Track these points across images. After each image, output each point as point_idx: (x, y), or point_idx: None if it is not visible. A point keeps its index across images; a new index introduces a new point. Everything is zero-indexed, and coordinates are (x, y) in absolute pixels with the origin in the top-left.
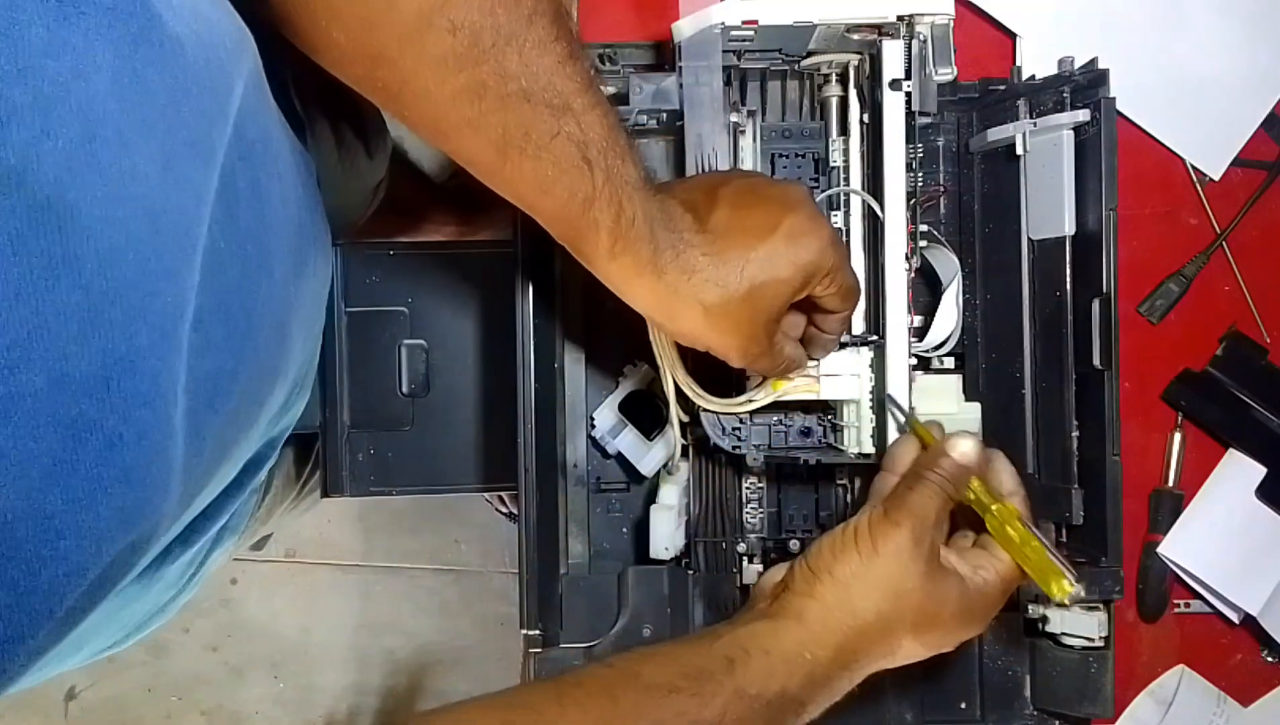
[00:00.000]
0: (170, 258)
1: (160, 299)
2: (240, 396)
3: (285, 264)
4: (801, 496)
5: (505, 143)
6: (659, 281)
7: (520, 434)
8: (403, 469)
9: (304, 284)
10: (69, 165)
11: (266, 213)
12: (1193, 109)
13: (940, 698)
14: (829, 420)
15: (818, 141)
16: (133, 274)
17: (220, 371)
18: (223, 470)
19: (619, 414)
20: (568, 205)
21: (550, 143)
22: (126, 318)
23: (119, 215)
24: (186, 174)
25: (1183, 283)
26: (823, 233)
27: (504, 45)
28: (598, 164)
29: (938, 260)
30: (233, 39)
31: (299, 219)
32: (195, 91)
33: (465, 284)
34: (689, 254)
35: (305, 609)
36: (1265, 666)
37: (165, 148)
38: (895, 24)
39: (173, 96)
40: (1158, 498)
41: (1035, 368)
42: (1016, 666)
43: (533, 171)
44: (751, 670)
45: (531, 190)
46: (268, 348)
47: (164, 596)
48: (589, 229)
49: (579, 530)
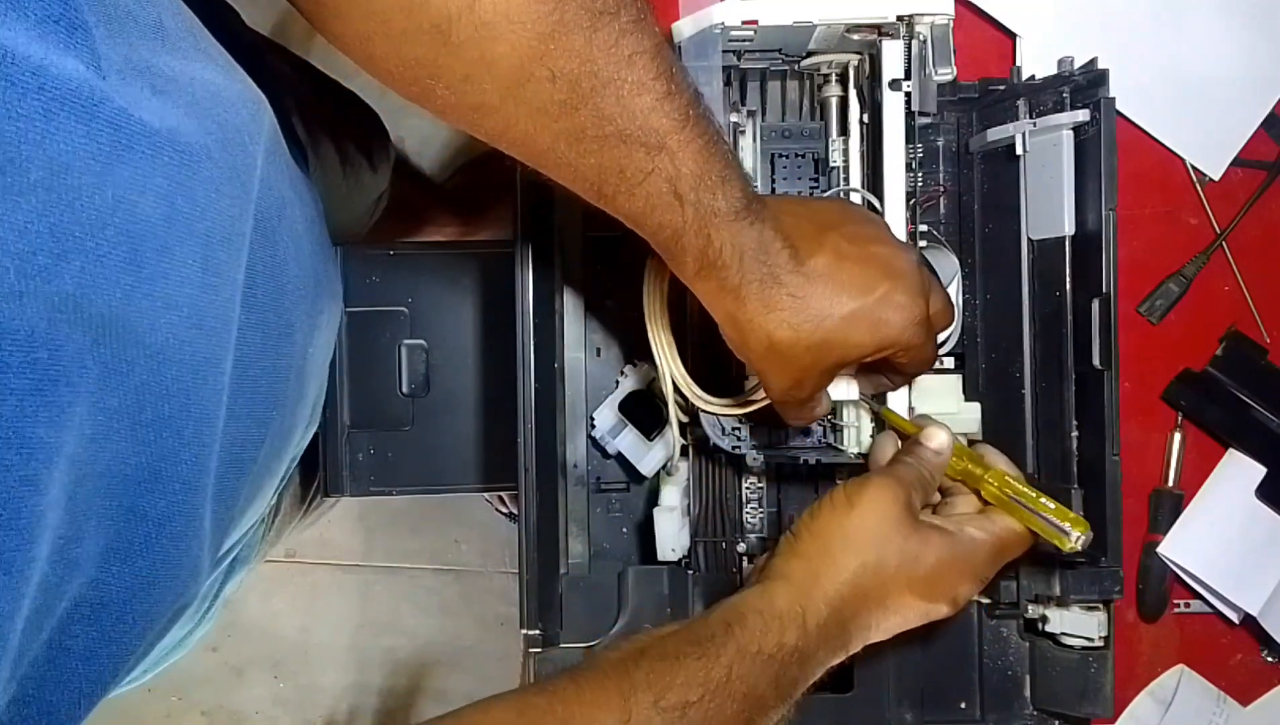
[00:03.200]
0: (212, 349)
1: (204, 389)
2: (264, 457)
3: (303, 323)
4: (801, 496)
5: (601, 181)
6: (739, 306)
7: (520, 434)
8: (403, 469)
9: (319, 335)
10: (119, 283)
11: (284, 281)
12: (1193, 109)
13: (940, 698)
14: (829, 420)
15: (818, 141)
16: (181, 372)
17: (246, 438)
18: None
19: (619, 414)
20: (658, 235)
21: (644, 181)
22: (174, 413)
23: (167, 321)
24: (221, 269)
25: (1183, 283)
26: (915, 311)
27: (602, 89)
28: (688, 199)
29: (938, 260)
30: (250, 111)
31: (314, 273)
32: (225, 189)
33: (465, 284)
34: (775, 292)
35: (305, 609)
36: (1265, 666)
37: (204, 250)
38: (895, 24)
39: (208, 200)
40: (1158, 498)
41: (1035, 367)
42: (1016, 666)
43: (626, 206)
44: (749, 630)
45: (625, 217)
46: (288, 404)
47: (181, 632)
48: (679, 253)
49: (579, 530)
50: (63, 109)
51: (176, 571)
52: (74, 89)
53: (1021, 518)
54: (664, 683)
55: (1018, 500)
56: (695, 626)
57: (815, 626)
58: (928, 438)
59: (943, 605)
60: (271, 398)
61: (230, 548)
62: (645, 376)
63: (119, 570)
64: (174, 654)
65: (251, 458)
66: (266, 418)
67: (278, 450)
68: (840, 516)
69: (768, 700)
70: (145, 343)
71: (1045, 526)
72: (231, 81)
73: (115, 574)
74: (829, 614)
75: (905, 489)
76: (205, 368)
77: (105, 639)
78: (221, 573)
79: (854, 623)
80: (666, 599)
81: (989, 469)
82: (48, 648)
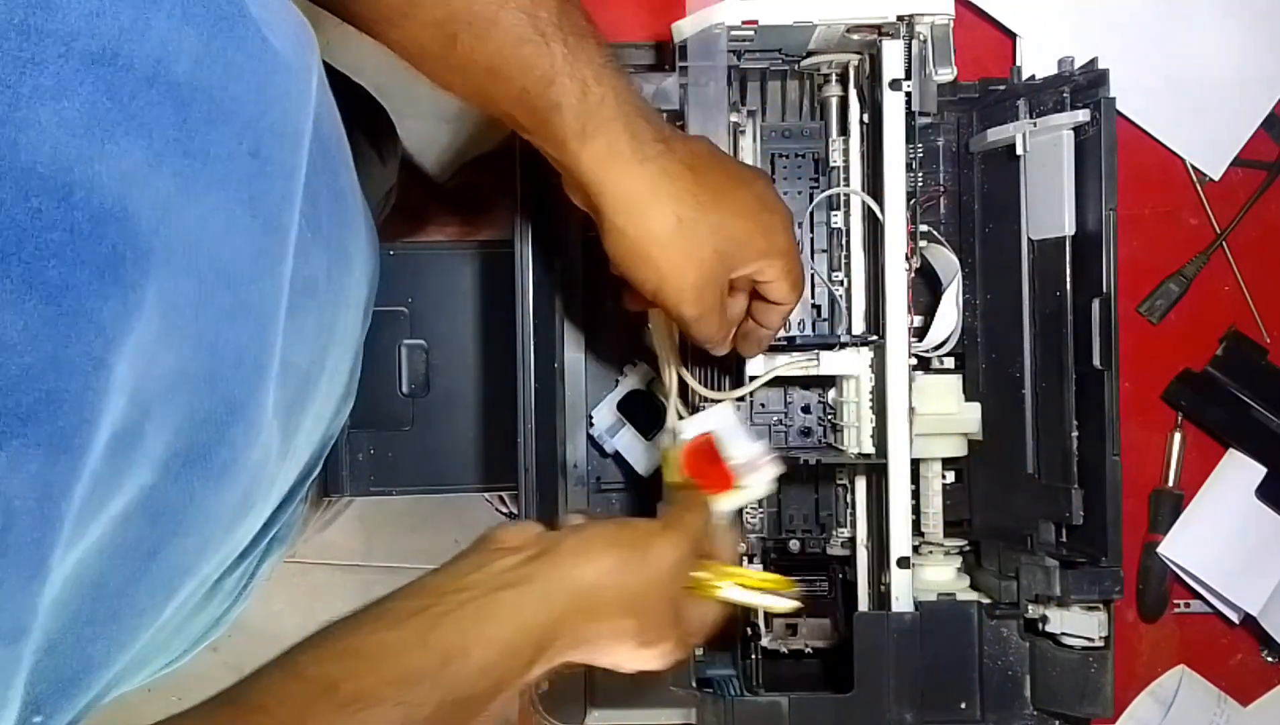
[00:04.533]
0: (267, 240)
1: (263, 281)
2: (324, 392)
3: (360, 259)
4: (801, 496)
5: (451, 19)
6: (639, 168)
7: (520, 434)
8: (403, 469)
9: (371, 282)
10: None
11: (344, 206)
12: (1193, 109)
13: (940, 698)
14: (829, 420)
15: (818, 141)
16: (238, 257)
17: (311, 365)
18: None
19: (617, 413)
20: (524, 85)
21: (498, 15)
22: (235, 305)
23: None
24: (273, 157)
25: (1183, 283)
26: (787, 211)
27: None
28: (553, 37)
29: (938, 260)
30: (305, 32)
31: (366, 215)
32: (278, 76)
33: (465, 284)
34: (669, 158)
35: (305, 609)
36: (1265, 666)
37: (254, 131)
38: (895, 24)
39: (259, 85)
40: (1158, 498)
41: (1035, 368)
42: (1016, 666)
43: (482, 50)
44: (470, 667)
45: (485, 73)
46: (347, 343)
47: (220, 609)
48: (552, 111)
49: None
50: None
51: (238, 481)
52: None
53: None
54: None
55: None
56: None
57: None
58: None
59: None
60: (331, 325)
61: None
62: (645, 376)
63: (179, 473)
64: (213, 633)
65: (316, 376)
66: (327, 343)
67: (335, 391)
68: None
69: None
70: (207, 223)
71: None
72: (286, 2)
73: (175, 476)
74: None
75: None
76: (262, 258)
77: (166, 539)
78: (260, 551)
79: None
80: None
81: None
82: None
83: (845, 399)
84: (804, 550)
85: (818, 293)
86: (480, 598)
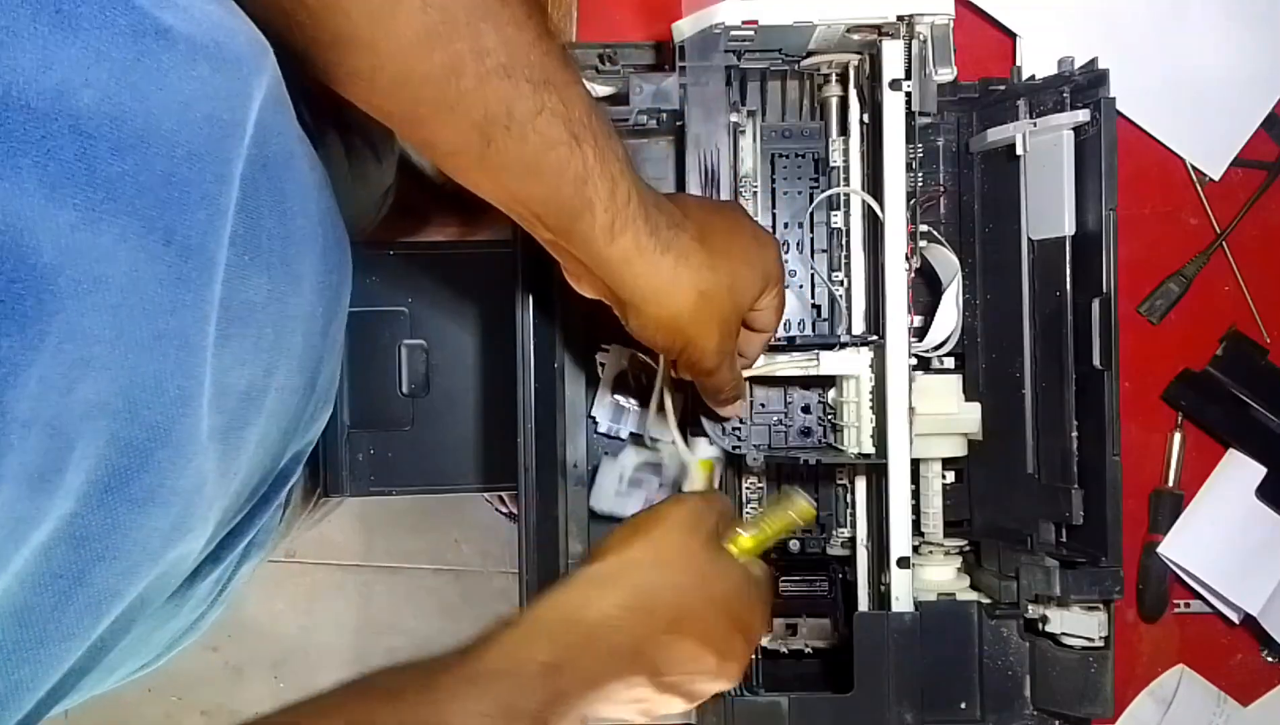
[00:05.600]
0: (184, 267)
1: (182, 311)
2: (270, 411)
3: (313, 278)
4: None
5: (488, 122)
6: (661, 260)
7: (520, 434)
8: (403, 469)
9: (331, 297)
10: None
11: (291, 226)
12: (1193, 109)
13: (940, 698)
14: (829, 420)
15: (818, 141)
16: (154, 287)
17: (251, 387)
18: (254, 484)
19: (614, 397)
20: (559, 185)
21: (535, 119)
22: (150, 339)
23: (130, 227)
24: (189, 184)
25: (1183, 283)
26: (775, 247)
27: (479, 21)
28: (585, 140)
29: (938, 260)
30: (250, 49)
31: (324, 233)
32: (202, 99)
33: (465, 284)
34: (683, 239)
35: (305, 609)
36: (1265, 666)
37: (168, 160)
38: (895, 24)
39: (179, 111)
40: (1158, 498)
41: (1035, 368)
42: (1016, 666)
43: (518, 152)
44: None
45: (519, 175)
46: (298, 361)
47: (193, 614)
48: (584, 208)
49: (579, 530)
50: None
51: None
52: None
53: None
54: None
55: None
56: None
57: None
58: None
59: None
60: (275, 345)
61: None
62: (620, 356)
63: (104, 503)
64: (186, 638)
65: (257, 408)
66: (273, 367)
67: (287, 410)
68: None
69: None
70: (115, 254)
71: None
72: (234, 18)
73: (99, 507)
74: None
75: (713, 513)
76: (181, 285)
77: (91, 565)
78: (236, 556)
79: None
80: None
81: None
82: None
83: (845, 399)
84: (804, 550)
85: (818, 293)
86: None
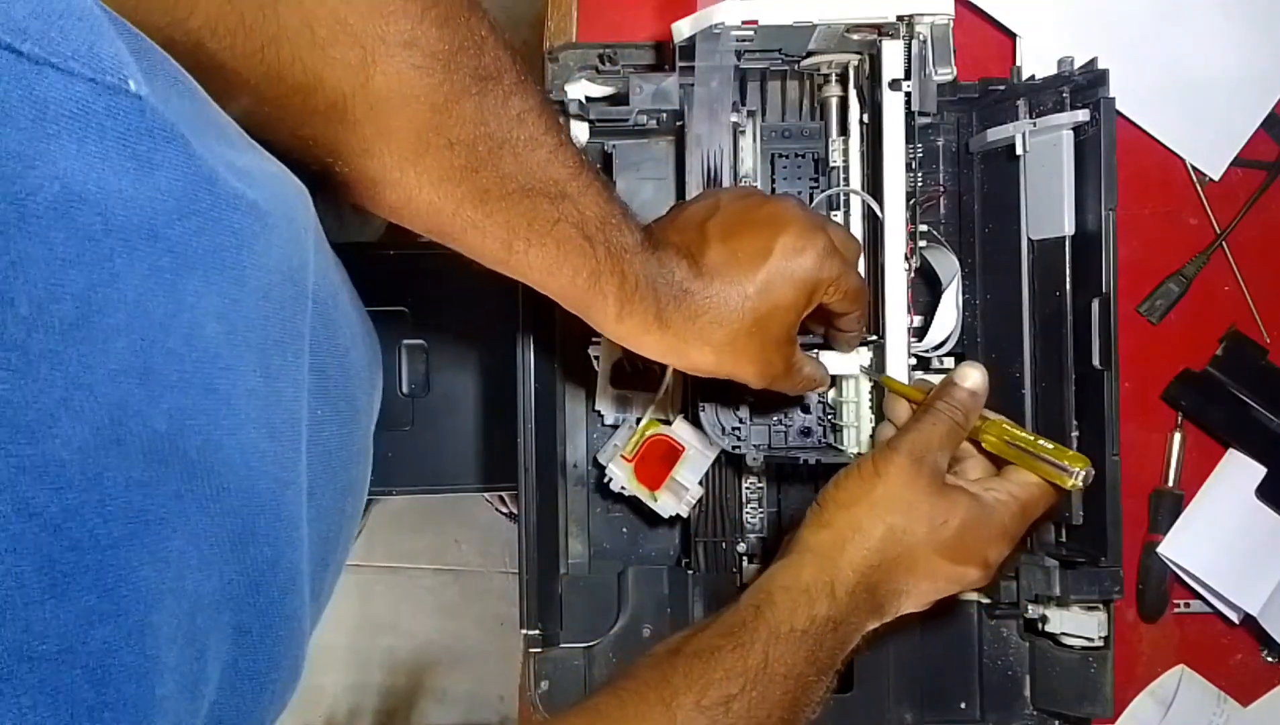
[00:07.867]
0: (287, 452)
1: (286, 493)
2: (344, 542)
3: (365, 405)
4: (801, 496)
5: (510, 237)
6: (665, 333)
7: (520, 434)
8: (403, 469)
9: (377, 399)
10: (203, 410)
11: (349, 367)
12: (1193, 109)
13: (940, 698)
14: (829, 420)
15: (818, 141)
16: (267, 483)
17: (329, 532)
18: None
19: (614, 391)
20: (574, 282)
21: (553, 229)
22: (269, 526)
23: (246, 438)
24: (281, 372)
25: (1183, 283)
26: (818, 244)
27: (499, 149)
28: (597, 240)
29: (938, 260)
30: (296, 197)
31: (368, 352)
32: (279, 286)
33: (465, 284)
34: (689, 302)
35: None
36: (1265, 666)
37: (262, 354)
38: (895, 24)
39: (261, 305)
40: (1158, 498)
41: (1035, 368)
42: (1016, 666)
43: (539, 258)
44: (779, 609)
45: (539, 274)
46: (359, 487)
47: None
48: (597, 300)
49: (579, 530)
50: (130, 242)
51: (278, 671)
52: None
53: (1024, 463)
54: (703, 681)
55: (1016, 445)
56: (726, 617)
57: (845, 594)
58: (962, 378)
59: (973, 569)
60: (347, 484)
61: None
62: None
63: (235, 685)
64: None
65: (333, 546)
66: (343, 506)
67: (352, 529)
68: (868, 486)
69: (808, 675)
70: (233, 465)
71: (1047, 468)
72: (281, 170)
73: (231, 690)
74: (858, 581)
75: (931, 453)
76: (285, 472)
77: None
78: None
79: (884, 588)
80: (666, 599)
81: (985, 420)
82: None
83: (845, 399)
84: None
85: None
86: None
